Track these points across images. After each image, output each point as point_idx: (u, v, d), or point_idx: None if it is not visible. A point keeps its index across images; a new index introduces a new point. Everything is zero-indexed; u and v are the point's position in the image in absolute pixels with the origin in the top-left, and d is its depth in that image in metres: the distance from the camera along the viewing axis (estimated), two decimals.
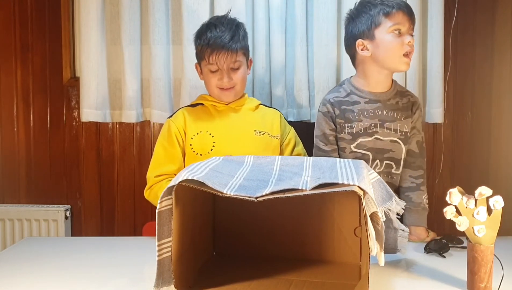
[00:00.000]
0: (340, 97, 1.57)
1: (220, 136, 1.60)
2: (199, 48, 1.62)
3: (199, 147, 1.59)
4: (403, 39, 1.47)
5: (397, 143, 1.56)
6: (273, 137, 1.68)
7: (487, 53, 2.12)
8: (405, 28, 1.47)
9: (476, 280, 1.01)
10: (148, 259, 1.22)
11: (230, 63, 1.58)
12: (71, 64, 2.20)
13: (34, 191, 2.22)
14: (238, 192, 0.91)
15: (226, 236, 1.23)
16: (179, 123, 1.61)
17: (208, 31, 1.59)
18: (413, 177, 1.59)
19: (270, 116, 1.73)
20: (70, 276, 1.13)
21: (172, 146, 1.59)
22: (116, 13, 2.06)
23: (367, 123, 1.54)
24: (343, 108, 1.56)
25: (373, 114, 1.54)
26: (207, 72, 1.62)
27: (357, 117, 1.55)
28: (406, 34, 1.48)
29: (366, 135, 1.54)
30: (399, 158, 1.57)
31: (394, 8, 1.47)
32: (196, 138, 1.60)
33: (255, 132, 1.65)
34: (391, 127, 1.55)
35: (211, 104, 1.65)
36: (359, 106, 1.55)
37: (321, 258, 1.17)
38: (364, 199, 0.88)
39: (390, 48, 1.48)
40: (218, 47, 1.56)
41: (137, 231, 2.18)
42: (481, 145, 2.15)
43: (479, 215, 0.99)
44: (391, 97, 1.57)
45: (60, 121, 2.20)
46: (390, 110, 1.55)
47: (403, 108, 1.57)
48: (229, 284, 1.04)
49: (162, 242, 0.97)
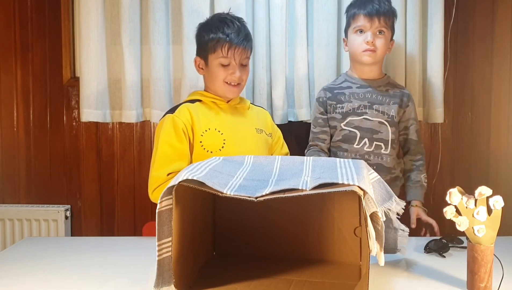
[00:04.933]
0: (334, 84, 1.82)
1: (229, 133, 1.59)
2: (214, 41, 1.58)
3: (210, 145, 1.56)
4: (362, 38, 1.69)
5: (384, 124, 1.72)
6: (268, 135, 1.71)
7: (486, 53, 2.12)
8: (366, 28, 1.69)
9: (476, 280, 1.02)
10: (148, 259, 1.22)
11: (242, 59, 1.60)
12: (71, 64, 2.20)
13: (34, 191, 2.22)
14: (238, 192, 0.91)
15: (226, 236, 1.23)
16: (186, 119, 1.55)
17: (225, 25, 1.58)
18: (413, 161, 1.79)
19: (263, 115, 1.76)
20: (70, 276, 1.13)
21: (180, 142, 1.53)
22: (116, 13, 2.06)
23: (357, 104, 1.73)
24: (335, 92, 1.78)
25: (363, 96, 1.74)
26: (216, 66, 1.59)
27: (347, 99, 1.74)
28: (368, 32, 1.68)
29: (355, 114, 1.72)
30: (387, 139, 1.72)
31: (357, 10, 1.71)
32: (206, 135, 1.56)
33: (256, 130, 1.67)
34: (379, 109, 1.72)
35: (211, 100, 1.64)
36: (351, 90, 1.76)
37: (321, 258, 1.17)
38: (364, 199, 0.88)
39: (353, 46, 1.73)
40: (237, 42, 1.57)
41: (137, 231, 2.18)
42: (481, 145, 2.15)
43: (479, 215, 0.99)
44: (382, 85, 1.77)
45: (60, 121, 2.20)
46: (380, 95, 1.74)
47: (393, 95, 1.76)
48: (229, 284, 1.04)
49: (162, 242, 0.96)
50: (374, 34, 1.68)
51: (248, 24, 1.99)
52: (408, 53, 2.02)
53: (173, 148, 1.53)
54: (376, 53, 1.70)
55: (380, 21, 1.68)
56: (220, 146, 1.57)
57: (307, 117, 2.05)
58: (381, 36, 1.70)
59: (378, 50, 1.69)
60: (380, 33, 1.70)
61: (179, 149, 1.53)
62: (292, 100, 2.07)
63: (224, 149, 1.56)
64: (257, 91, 2.03)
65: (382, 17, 1.69)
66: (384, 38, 1.70)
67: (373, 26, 1.68)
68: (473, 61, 2.13)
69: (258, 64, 2.02)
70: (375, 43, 1.68)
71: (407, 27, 2.02)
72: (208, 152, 1.55)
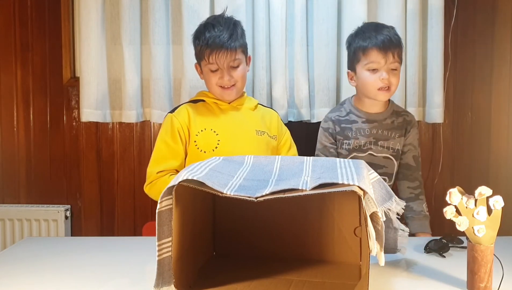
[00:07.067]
0: (340, 116, 1.72)
1: (224, 134, 1.61)
2: (198, 48, 1.62)
3: (204, 144, 1.59)
4: (377, 76, 1.59)
5: (389, 159, 1.69)
6: (271, 137, 1.70)
7: (487, 53, 2.12)
8: (380, 65, 1.58)
9: (476, 280, 1.01)
10: (148, 259, 1.22)
11: (229, 62, 1.59)
12: (71, 64, 2.20)
13: (34, 191, 2.22)
14: (238, 192, 0.91)
15: (226, 236, 1.23)
16: (183, 119, 1.61)
17: (206, 31, 1.59)
18: (412, 188, 1.71)
19: (269, 116, 1.74)
20: (70, 276, 1.13)
21: (174, 142, 1.59)
22: (116, 13, 2.06)
23: (363, 141, 1.68)
24: (342, 126, 1.70)
25: (369, 133, 1.68)
26: (207, 72, 1.62)
27: (354, 135, 1.68)
28: (382, 70, 1.59)
29: (361, 151, 1.68)
30: (391, 172, 1.70)
31: (368, 45, 1.59)
32: (201, 135, 1.60)
33: (256, 132, 1.66)
34: (384, 145, 1.68)
35: (213, 101, 1.65)
36: (357, 125, 1.69)
37: (321, 258, 1.17)
38: (364, 199, 0.88)
39: (366, 84, 1.62)
40: (217, 47, 1.56)
41: (137, 231, 2.18)
42: (481, 145, 2.15)
43: (479, 215, 0.99)
44: (387, 117, 1.70)
45: (60, 121, 2.20)
46: (385, 130, 1.69)
47: (398, 127, 1.70)
48: (229, 284, 1.04)
49: (162, 242, 0.96)
50: (388, 71, 1.59)
51: (248, 24, 2.00)
52: (408, 53, 2.02)
53: (168, 147, 1.59)
54: (390, 90, 1.61)
55: (394, 56, 1.59)
56: (214, 146, 1.59)
57: (307, 117, 2.05)
58: (395, 72, 1.61)
59: (392, 86, 1.61)
60: (394, 70, 1.60)
61: (173, 148, 1.59)
62: (292, 100, 2.07)
63: (217, 150, 1.58)
64: (257, 91, 2.03)
65: (396, 51, 1.59)
66: (397, 74, 1.62)
67: (387, 62, 1.58)
68: (473, 61, 2.13)
69: (258, 64, 2.02)
70: (390, 80, 1.59)
71: (407, 27, 2.01)
72: (202, 152, 1.58)
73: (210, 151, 1.58)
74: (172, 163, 1.58)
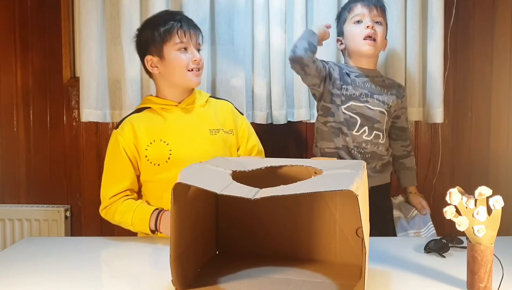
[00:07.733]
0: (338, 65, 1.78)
1: (175, 143, 1.52)
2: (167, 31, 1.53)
3: (155, 157, 1.50)
4: (362, 25, 1.69)
5: (383, 114, 1.73)
6: (227, 133, 1.61)
7: (486, 52, 2.12)
8: (364, 16, 1.69)
9: (476, 280, 1.01)
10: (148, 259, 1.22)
11: (197, 44, 1.57)
12: (71, 64, 2.20)
13: (34, 191, 2.22)
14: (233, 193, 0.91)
15: (228, 236, 1.23)
16: (128, 136, 1.51)
17: (172, 16, 1.56)
18: (404, 146, 1.86)
19: (222, 111, 1.65)
20: (70, 276, 1.13)
21: (121, 161, 1.50)
22: (116, 13, 2.06)
23: (358, 92, 1.71)
24: (343, 71, 1.74)
25: (363, 86, 1.73)
26: (175, 56, 1.53)
27: (351, 83, 1.72)
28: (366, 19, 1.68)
29: (358, 100, 1.71)
30: (383, 128, 1.74)
31: (353, 2, 1.72)
32: (151, 148, 1.51)
33: (210, 132, 1.57)
34: (380, 99, 1.73)
35: (159, 107, 1.56)
36: (352, 76, 1.73)
37: (323, 258, 1.17)
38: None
39: (352, 36, 1.72)
40: (189, 26, 1.55)
41: None
42: (481, 145, 2.15)
43: (479, 215, 0.99)
44: (378, 75, 1.78)
45: (60, 121, 2.20)
46: (378, 85, 1.75)
47: (388, 85, 1.79)
48: (229, 282, 1.04)
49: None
50: (372, 22, 1.69)
51: (248, 24, 2.01)
52: (408, 53, 2.02)
53: (115, 168, 1.51)
54: (376, 42, 1.69)
55: (377, 10, 1.70)
56: (166, 157, 1.50)
57: (307, 117, 2.05)
58: (379, 25, 1.71)
59: (378, 39, 1.69)
60: (377, 23, 1.70)
61: (120, 169, 1.51)
62: (292, 100, 2.07)
63: (170, 161, 1.50)
64: (257, 91, 2.03)
65: (379, 7, 1.71)
66: (382, 28, 1.71)
67: (371, 13, 1.69)
68: (473, 61, 2.13)
69: (258, 64, 2.02)
70: (375, 29, 1.68)
71: (407, 27, 2.01)
72: (155, 165, 1.50)
73: (164, 163, 1.50)
74: (122, 185, 1.49)
